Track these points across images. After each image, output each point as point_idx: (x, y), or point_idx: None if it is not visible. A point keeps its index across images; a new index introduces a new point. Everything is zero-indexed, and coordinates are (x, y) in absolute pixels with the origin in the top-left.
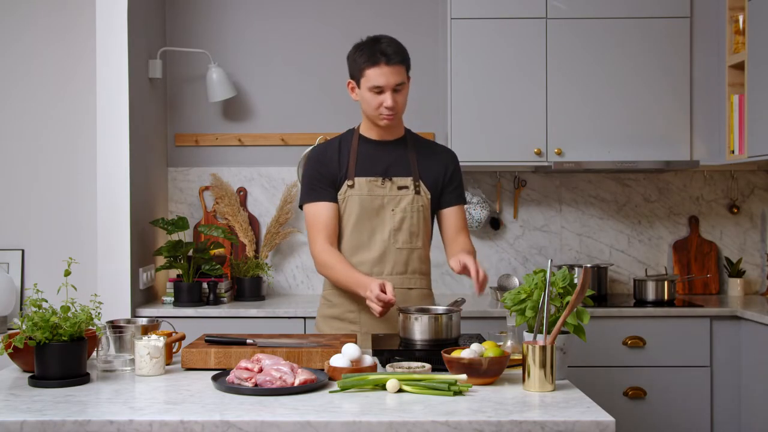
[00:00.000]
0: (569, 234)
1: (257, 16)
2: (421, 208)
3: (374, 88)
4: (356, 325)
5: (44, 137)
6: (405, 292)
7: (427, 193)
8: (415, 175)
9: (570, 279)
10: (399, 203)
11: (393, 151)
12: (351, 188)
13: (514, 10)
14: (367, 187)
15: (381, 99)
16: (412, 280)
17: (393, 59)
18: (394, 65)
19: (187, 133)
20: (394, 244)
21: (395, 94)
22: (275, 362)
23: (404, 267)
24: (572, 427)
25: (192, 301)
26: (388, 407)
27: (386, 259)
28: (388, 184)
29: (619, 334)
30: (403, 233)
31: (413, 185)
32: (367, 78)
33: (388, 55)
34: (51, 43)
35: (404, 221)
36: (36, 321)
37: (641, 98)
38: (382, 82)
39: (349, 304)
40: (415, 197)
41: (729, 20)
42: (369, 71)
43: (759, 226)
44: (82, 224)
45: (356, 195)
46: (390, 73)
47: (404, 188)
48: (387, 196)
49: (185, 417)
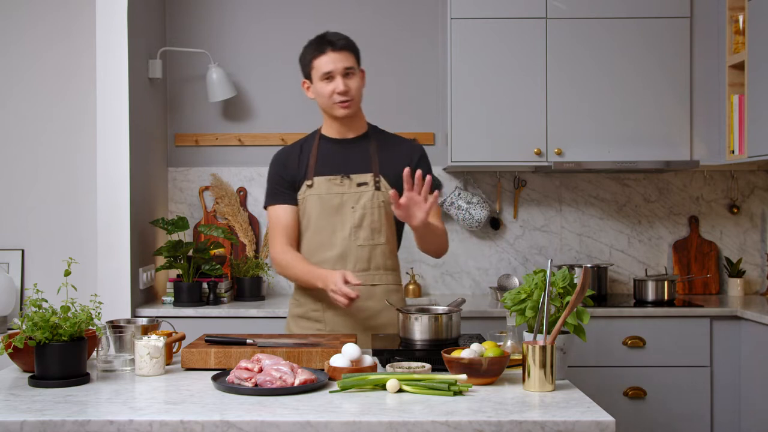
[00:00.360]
0: (569, 234)
1: (257, 16)
2: (382, 204)
3: (324, 75)
4: (321, 323)
5: (44, 137)
6: (369, 289)
7: (388, 188)
8: (375, 170)
9: (570, 279)
10: (359, 200)
11: (353, 148)
12: (310, 188)
13: (514, 10)
14: (326, 186)
15: (332, 86)
16: (376, 276)
17: (338, 44)
18: (341, 51)
19: (187, 133)
20: (355, 242)
21: (346, 78)
22: (275, 362)
23: (367, 264)
24: (572, 427)
25: (192, 301)
26: (388, 407)
27: (348, 257)
28: (347, 181)
29: (619, 334)
30: (364, 230)
31: (373, 181)
32: (317, 68)
33: (333, 42)
34: (51, 43)
35: (365, 218)
36: (36, 321)
37: (641, 98)
38: (330, 67)
39: (312, 303)
40: (375, 193)
41: (729, 20)
42: (317, 61)
43: (759, 226)
44: (82, 224)
45: (315, 194)
46: (337, 58)
47: (363, 185)
48: (346, 193)
49: (185, 417)
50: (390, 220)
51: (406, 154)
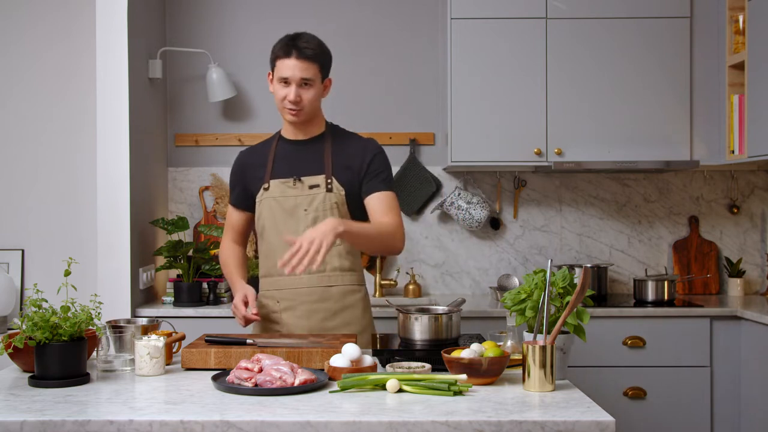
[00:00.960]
0: (569, 234)
1: (257, 16)
2: (335, 205)
3: (281, 80)
4: (278, 324)
5: (44, 137)
6: (324, 290)
7: (340, 189)
8: (327, 172)
9: (570, 279)
10: (311, 203)
11: (308, 150)
12: (266, 191)
13: (514, 10)
14: (280, 189)
15: (286, 91)
16: (332, 278)
17: (304, 53)
18: (305, 60)
19: (187, 133)
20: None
21: (301, 89)
22: (275, 362)
23: (322, 266)
24: (572, 427)
25: (192, 301)
26: (388, 407)
27: None
28: (299, 184)
29: (619, 334)
30: None
31: (324, 183)
32: (278, 68)
33: (300, 49)
34: (51, 43)
35: (317, 220)
36: (36, 321)
37: (641, 98)
38: (288, 73)
39: (272, 305)
40: (326, 195)
41: (729, 20)
42: (279, 62)
43: (759, 226)
44: (82, 224)
45: (270, 197)
46: (298, 66)
47: (315, 187)
48: (300, 196)
49: (185, 417)
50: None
51: (358, 154)
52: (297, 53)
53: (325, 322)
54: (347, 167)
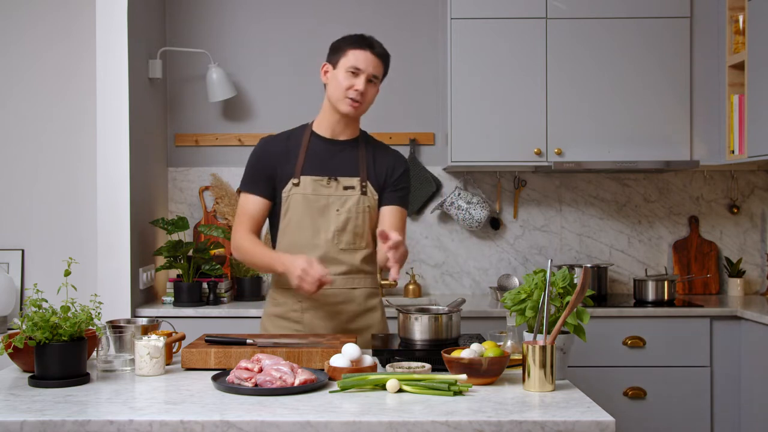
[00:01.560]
0: (569, 234)
1: (257, 16)
2: (367, 208)
3: (352, 68)
4: (300, 324)
5: (44, 137)
6: (349, 292)
7: (374, 194)
8: (362, 175)
9: (570, 279)
10: (344, 204)
11: (343, 150)
12: (296, 186)
13: (514, 10)
14: (312, 187)
15: (354, 81)
16: (356, 279)
17: (378, 51)
18: (378, 56)
19: (187, 133)
20: (337, 245)
21: (368, 84)
22: (275, 362)
23: (348, 267)
24: (572, 427)
25: (192, 301)
26: (388, 407)
27: (329, 260)
28: (334, 184)
29: (619, 334)
30: (347, 234)
31: (360, 186)
32: (348, 58)
33: (374, 46)
34: (51, 43)
35: (349, 222)
36: (36, 321)
37: (641, 98)
38: (362, 65)
39: (293, 303)
40: (361, 198)
41: (729, 20)
42: (353, 52)
43: (759, 226)
44: (82, 224)
45: (300, 194)
46: (372, 62)
47: (350, 188)
48: (332, 196)
49: (185, 417)
50: (373, 225)
51: (389, 164)
52: (372, 49)
53: (348, 324)
54: (379, 173)
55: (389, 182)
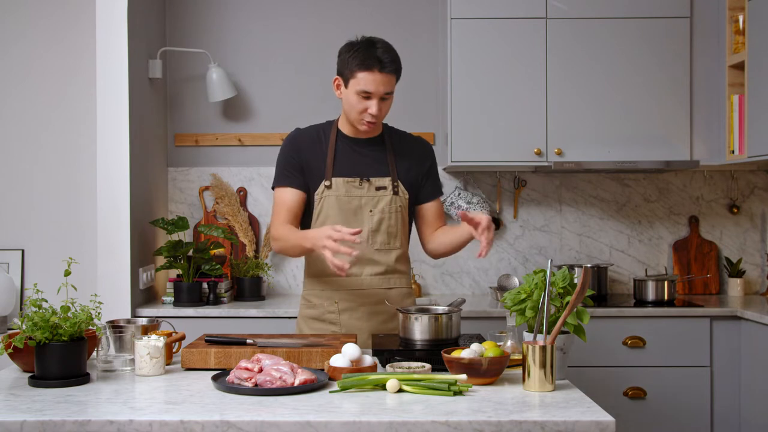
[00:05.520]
0: (569, 234)
1: (257, 16)
2: (399, 208)
3: (362, 93)
4: (336, 326)
5: (44, 137)
6: (384, 292)
7: (405, 193)
8: (393, 175)
9: (570, 279)
10: (377, 204)
11: (371, 150)
12: (328, 188)
13: (514, 10)
14: (345, 188)
15: (366, 105)
16: (392, 279)
17: (387, 68)
18: (387, 74)
19: (187, 133)
20: (372, 246)
21: (381, 102)
22: (275, 362)
23: (383, 268)
24: (572, 427)
25: (192, 301)
26: (388, 407)
27: (364, 261)
28: (366, 185)
29: (619, 334)
30: (381, 234)
31: (392, 186)
32: (357, 81)
33: (383, 63)
34: (51, 43)
35: (382, 222)
36: (36, 321)
37: (641, 98)
38: (372, 88)
39: (328, 305)
40: (393, 198)
41: (729, 20)
42: (361, 74)
43: (759, 226)
44: (82, 224)
45: (333, 195)
46: (381, 81)
47: (382, 189)
48: (365, 197)
49: (185, 417)
50: (405, 225)
51: (420, 159)
52: (380, 67)
53: (385, 324)
54: (409, 169)
55: (425, 177)
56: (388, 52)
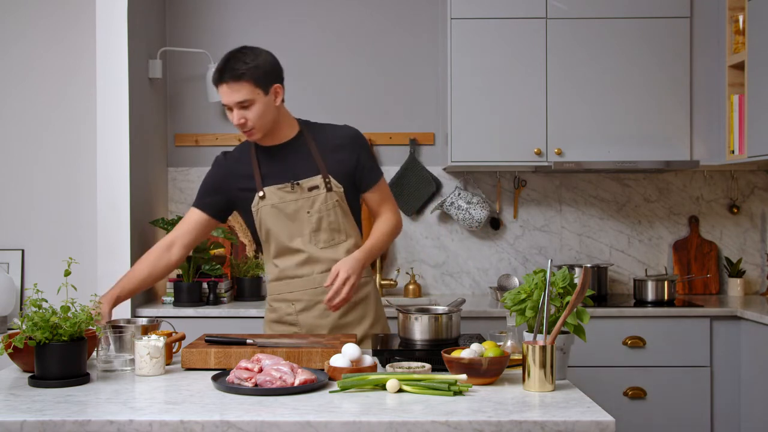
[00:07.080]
0: (569, 234)
1: (257, 17)
2: (336, 203)
3: (225, 106)
4: (296, 326)
5: (44, 137)
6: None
7: (339, 187)
8: (323, 171)
9: (570, 279)
10: (313, 204)
11: (292, 152)
12: (263, 199)
13: (514, 10)
14: (278, 196)
15: (231, 116)
16: None
17: (227, 77)
18: (233, 82)
19: (187, 133)
20: (316, 245)
21: (244, 110)
22: (275, 362)
23: (329, 264)
24: (572, 427)
25: (192, 301)
26: (388, 407)
27: (312, 261)
28: (298, 188)
29: (619, 334)
30: (323, 233)
31: (323, 183)
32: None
33: (222, 74)
34: (51, 43)
35: (322, 221)
36: (36, 321)
37: (641, 98)
38: (225, 101)
39: (286, 307)
40: (327, 195)
41: (729, 20)
42: (217, 88)
43: (759, 226)
44: (82, 224)
45: (268, 205)
46: (229, 91)
47: (315, 188)
48: (300, 199)
49: (185, 417)
50: (348, 215)
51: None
52: (225, 77)
53: (342, 318)
54: (340, 161)
55: (359, 167)
56: (237, 61)
